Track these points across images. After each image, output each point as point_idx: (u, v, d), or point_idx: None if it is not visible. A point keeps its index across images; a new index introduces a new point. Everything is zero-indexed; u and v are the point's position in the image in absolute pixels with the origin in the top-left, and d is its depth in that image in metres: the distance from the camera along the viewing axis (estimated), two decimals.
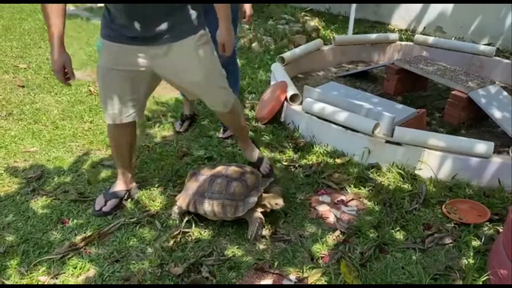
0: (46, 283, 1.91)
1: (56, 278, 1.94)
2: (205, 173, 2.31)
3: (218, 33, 2.20)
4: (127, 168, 2.43)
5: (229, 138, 3.10)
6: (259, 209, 2.19)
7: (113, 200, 2.38)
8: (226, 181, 2.21)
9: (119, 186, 2.43)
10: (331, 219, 2.34)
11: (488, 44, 4.85)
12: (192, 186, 2.28)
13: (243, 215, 2.16)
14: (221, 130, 3.15)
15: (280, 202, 2.19)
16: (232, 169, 2.29)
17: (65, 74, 2.05)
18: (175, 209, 2.30)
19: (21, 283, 1.91)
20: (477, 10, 5.24)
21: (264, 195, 2.23)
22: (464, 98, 3.24)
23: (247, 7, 2.98)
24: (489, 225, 2.28)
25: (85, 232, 2.21)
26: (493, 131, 3.22)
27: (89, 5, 6.95)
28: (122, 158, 2.40)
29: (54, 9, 1.94)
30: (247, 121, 3.35)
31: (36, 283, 1.91)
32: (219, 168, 2.31)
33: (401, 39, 4.91)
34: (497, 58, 4.23)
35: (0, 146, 2.95)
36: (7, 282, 1.90)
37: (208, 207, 2.17)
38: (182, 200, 2.27)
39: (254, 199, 2.16)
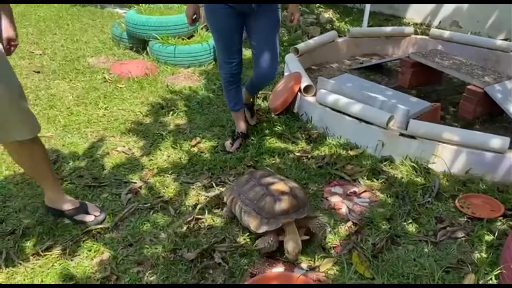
0: (62, 263, 1.95)
1: (72, 260, 1.97)
2: (256, 176, 2.23)
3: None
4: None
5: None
6: (279, 237, 2.01)
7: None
8: (262, 192, 2.08)
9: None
10: (344, 210, 2.35)
11: (505, 39, 4.77)
12: (239, 183, 2.26)
13: (262, 233, 2.03)
14: (248, 115, 3.09)
15: (292, 253, 1.94)
16: (280, 184, 2.13)
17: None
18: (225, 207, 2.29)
19: (38, 264, 1.94)
20: (494, 4, 5.17)
21: (289, 229, 1.99)
22: (479, 93, 3.21)
23: (294, 9, 2.70)
24: (502, 220, 2.27)
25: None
26: (508, 126, 3.18)
27: None
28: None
29: None
30: (259, 112, 3.35)
31: (51, 264, 1.94)
32: (269, 178, 2.19)
33: (416, 33, 4.86)
34: None
35: None
36: (24, 262, 1.94)
37: (237, 210, 2.14)
38: (225, 193, 2.30)
39: (277, 224, 1.98)
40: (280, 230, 2.00)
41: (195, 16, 2.64)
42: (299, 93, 3.27)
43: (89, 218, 2.19)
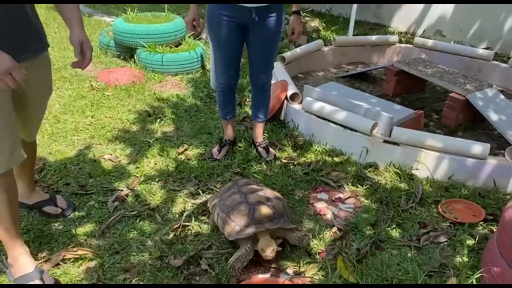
0: (48, 271, 1.94)
1: (58, 268, 1.97)
2: (239, 184, 2.24)
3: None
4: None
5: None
6: (254, 246, 1.99)
7: None
8: (239, 200, 2.09)
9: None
10: (329, 215, 2.38)
11: (487, 48, 4.89)
12: (222, 190, 2.28)
13: (235, 240, 2.03)
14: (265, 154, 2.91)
15: (266, 249, 1.93)
16: (259, 193, 2.13)
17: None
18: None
19: None
20: (477, 14, 5.29)
21: (263, 235, 1.99)
22: (461, 101, 3.28)
23: (295, 24, 2.63)
24: (483, 224, 2.32)
25: (86, 224, 2.24)
26: (489, 133, 3.26)
27: None
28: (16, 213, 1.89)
29: None
30: (246, 119, 3.39)
31: None
32: (251, 187, 2.20)
33: (400, 42, 4.96)
34: (495, 62, 4.27)
35: None
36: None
37: (215, 216, 2.15)
38: (210, 199, 2.31)
39: (249, 231, 1.97)
40: (254, 240, 2.00)
41: (194, 22, 2.59)
42: (285, 101, 3.31)
43: (56, 211, 2.27)
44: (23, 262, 1.87)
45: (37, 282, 1.84)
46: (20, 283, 1.85)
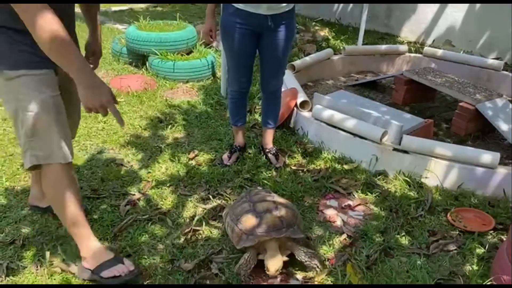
0: (61, 274, 1.97)
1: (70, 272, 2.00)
2: (252, 193, 2.26)
3: None
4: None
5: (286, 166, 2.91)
6: (260, 256, 2.01)
7: None
8: (247, 209, 2.09)
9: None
10: (338, 222, 2.40)
11: (496, 58, 4.89)
12: (237, 199, 2.31)
13: (242, 248, 2.02)
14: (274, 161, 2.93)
15: (271, 269, 1.91)
16: (269, 202, 2.13)
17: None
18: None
19: (38, 274, 1.97)
20: (486, 24, 5.30)
21: (270, 246, 1.98)
22: (471, 110, 3.29)
23: None
24: (493, 233, 2.32)
25: (98, 227, 2.27)
26: (499, 143, 3.26)
27: (103, 9, 7.09)
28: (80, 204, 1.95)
29: None
30: (256, 126, 3.42)
31: (51, 274, 1.97)
32: (261, 196, 2.20)
33: (410, 51, 4.98)
34: (505, 72, 4.27)
35: (16, 144, 3.03)
36: (25, 271, 1.97)
37: (226, 225, 2.18)
38: (224, 210, 2.34)
39: (253, 240, 1.97)
40: (261, 249, 2.01)
41: (211, 32, 2.66)
42: (295, 108, 3.34)
43: None
44: (101, 251, 1.96)
45: (121, 266, 1.91)
46: (102, 270, 1.90)
